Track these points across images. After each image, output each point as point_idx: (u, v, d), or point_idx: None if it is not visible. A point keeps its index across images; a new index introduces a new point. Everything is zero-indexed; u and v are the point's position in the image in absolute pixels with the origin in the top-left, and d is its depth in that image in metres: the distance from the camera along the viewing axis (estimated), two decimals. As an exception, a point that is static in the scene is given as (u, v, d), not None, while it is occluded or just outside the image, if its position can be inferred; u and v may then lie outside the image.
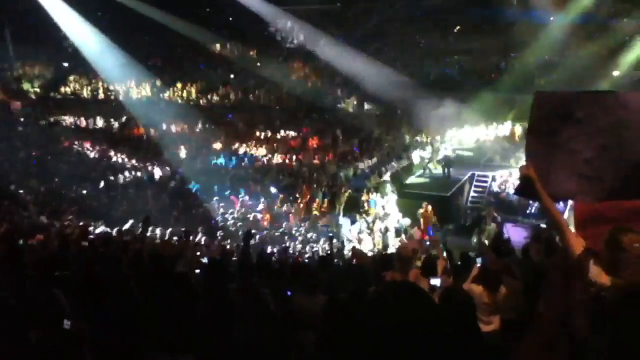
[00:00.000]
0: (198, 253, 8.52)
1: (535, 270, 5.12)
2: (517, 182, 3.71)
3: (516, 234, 12.38)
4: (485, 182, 16.99)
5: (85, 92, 27.94)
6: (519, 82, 21.12)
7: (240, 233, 14.02)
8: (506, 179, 16.23)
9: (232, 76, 27.07)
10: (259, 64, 26.24)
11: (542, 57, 22.13)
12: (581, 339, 2.97)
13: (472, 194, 16.95)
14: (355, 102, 24.42)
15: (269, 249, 11.78)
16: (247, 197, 17.21)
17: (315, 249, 12.91)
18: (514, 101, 20.98)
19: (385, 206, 15.86)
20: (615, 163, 3.61)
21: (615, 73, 20.77)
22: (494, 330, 4.72)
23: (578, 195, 3.73)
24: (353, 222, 15.41)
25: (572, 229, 3.31)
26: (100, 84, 27.48)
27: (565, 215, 4.99)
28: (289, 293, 4.73)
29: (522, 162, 3.76)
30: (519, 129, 19.73)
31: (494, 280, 4.88)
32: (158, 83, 26.74)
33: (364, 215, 15.58)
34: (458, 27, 23.85)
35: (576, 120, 3.71)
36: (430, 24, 23.19)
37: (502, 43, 21.48)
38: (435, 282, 5.28)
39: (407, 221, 14.67)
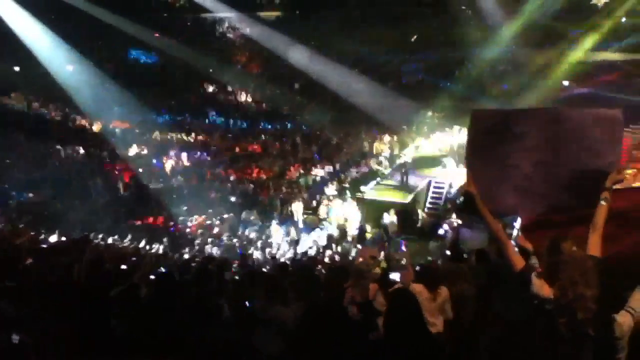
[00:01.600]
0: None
1: (491, 271, 5.22)
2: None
3: (472, 238, 12.60)
4: (442, 188, 17.30)
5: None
6: (473, 90, 21.73)
7: (198, 241, 13.87)
8: (462, 185, 16.54)
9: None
10: (211, 70, 25.84)
11: (494, 66, 22.83)
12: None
13: (429, 200, 17.23)
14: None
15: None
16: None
17: (276, 255, 12.89)
18: (469, 107, 21.40)
19: (344, 213, 15.99)
20: (553, 176, 3.74)
21: (565, 83, 21.59)
22: (438, 331, 4.79)
23: (519, 211, 3.84)
24: (312, 229, 15.46)
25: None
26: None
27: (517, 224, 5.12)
28: (247, 304, 4.68)
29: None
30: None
31: (433, 280, 4.97)
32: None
33: (323, 223, 15.67)
34: (415, 37, 24.29)
35: (513, 136, 3.83)
36: (390, 30, 23.55)
37: (457, 49, 21.92)
38: (395, 276, 5.36)
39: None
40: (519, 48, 21.76)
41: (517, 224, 8.05)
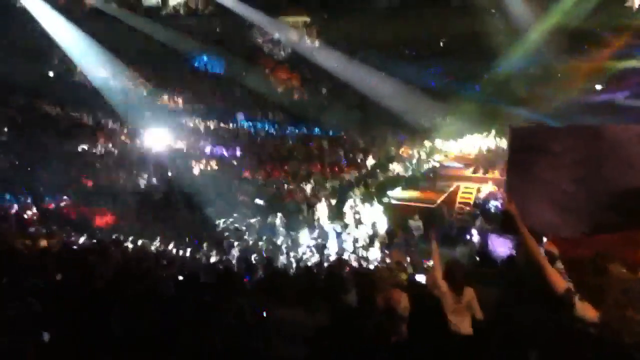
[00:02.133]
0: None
1: (519, 278, 5.13)
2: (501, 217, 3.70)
3: (501, 245, 12.40)
4: (470, 193, 17.10)
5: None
6: (501, 93, 21.45)
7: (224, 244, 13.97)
8: (490, 190, 16.29)
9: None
10: (244, 73, 26.01)
11: (523, 68, 22.49)
12: None
13: (457, 205, 17.04)
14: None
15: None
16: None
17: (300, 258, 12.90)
18: (497, 112, 21.19)
19: (371, 218, 15.91)
20: (595, 194, 3.63)
21: (598, 87, 21.14)
22: (464, 332, 4.70)
23: (561, 229, 3.73)
24: (339, 233, 15.40)
25: None
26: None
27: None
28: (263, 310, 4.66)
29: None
30: (502, 141, 19.88)
31: (459, 281, 4.88)
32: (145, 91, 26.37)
33: (349, 227, 15.62)
34: (443, 40, 24.11)
35: (552, 154, 3.73)
36: (418, 33, 23.43)
37: (485, 53, 21.64)
38: (420, 278, 5.28)
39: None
40: (548, 52, 21.38)
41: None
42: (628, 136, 3.69)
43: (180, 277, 5.77)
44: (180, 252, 12.17)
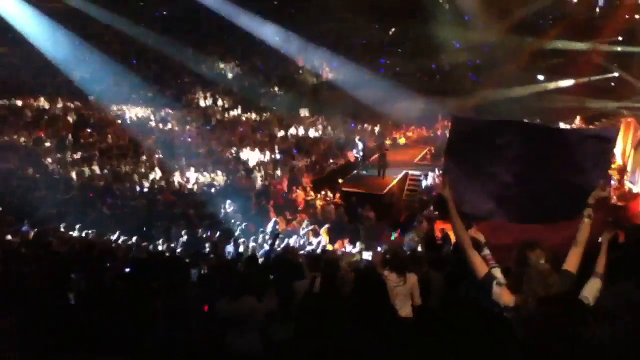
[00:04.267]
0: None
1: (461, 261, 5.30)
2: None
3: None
4: (418, 181, 17.47)
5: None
6: (449, 84, 22.01)
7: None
8: (436, 178, 16.68)
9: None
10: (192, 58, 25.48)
11: (471, 60, 23.11)
12: None
13: (405, 192, 17.38)
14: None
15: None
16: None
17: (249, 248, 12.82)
18: (445, 103, 21.69)
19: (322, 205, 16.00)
20: (534, 189, 3.80)
21: (540, 77, 21.97)
22: (407, 315, 4.85)
23: (495, 216, 3.89)
24: (288, 221, 15.41)
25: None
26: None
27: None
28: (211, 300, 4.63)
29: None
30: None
31: (401, 267, 5.01)
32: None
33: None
34: (393, 30, 24.38)
35: (495, 146, 3.87)
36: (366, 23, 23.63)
37: (434, 46, 22.02)
38: (367, 255, 5.37)
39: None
40: (493, 42, 22.01)
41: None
42: (576, 137, 3.90)
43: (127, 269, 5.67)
44: (128, 242, 11.88)
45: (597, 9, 19.96)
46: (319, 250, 11.62)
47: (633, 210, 12.41)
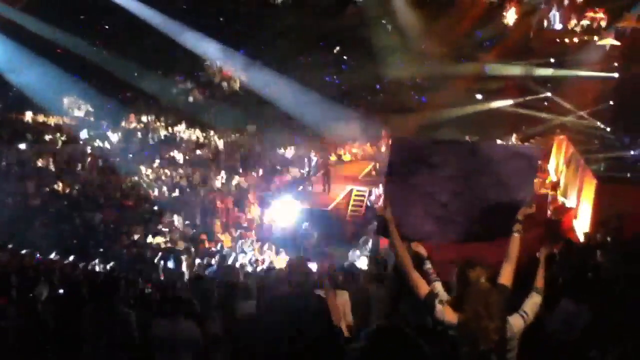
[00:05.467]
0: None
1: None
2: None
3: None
4: (363, 196, 17.65)
5: None
6: (393, 102, 22.52)
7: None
8: (381, 194, 16.91)
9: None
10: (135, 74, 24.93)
11: (413, 80, 23.74)
12: None
13: (350, 208, 17.51)
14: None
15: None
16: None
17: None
18: (388, 120, 22.14)
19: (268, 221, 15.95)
20: (469, 207, 3.89)
21: (479, 97, 22.82)
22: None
23: (434, 237, 3.97)
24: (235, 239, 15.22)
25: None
26: None
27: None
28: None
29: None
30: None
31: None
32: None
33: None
34: (337, 48, 24.72)
35: (431, 166, 3.95)
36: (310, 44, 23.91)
37: (376, 61, 22.47)
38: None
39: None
40: (436, 62, 22.68)
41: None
42: (502, 154, 4.01)
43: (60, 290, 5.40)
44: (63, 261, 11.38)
45: (531, 33, 20.92)
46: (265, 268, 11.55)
47: (566, 224, 12.96)
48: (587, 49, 19.84)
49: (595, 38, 19.23)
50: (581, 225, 12.28)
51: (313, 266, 5.79)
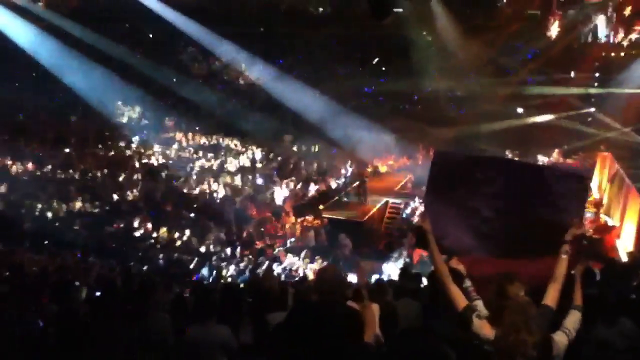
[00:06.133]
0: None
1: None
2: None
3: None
4: (399, 209, 17.52)
5: None
6: (430, 114, 22.34)
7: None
8: (417, 206, 16.75)
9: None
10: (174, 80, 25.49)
11: (452, 92, 23.51)
12: None
13: (385, 220, 17.41)
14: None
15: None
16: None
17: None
18: (425, 132, 21.99)
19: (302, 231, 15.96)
20: (513, 225, 3.84)
21: (520, 110, 22.43)
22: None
23: (474, 252, 3.92)
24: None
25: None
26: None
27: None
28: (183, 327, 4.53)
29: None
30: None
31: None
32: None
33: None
34: (376, 59, 24.72)
35: (476, 181, 3.92)
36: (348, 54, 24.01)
37: (415, 73, 22.36)
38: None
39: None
40: (477, 76, 22.45)
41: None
42: (551, 175, 3.96)
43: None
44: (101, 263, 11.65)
45: (576, 46, 20.49)
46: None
47: (609, 243, 12.60)
48: (635, 64, 19.30)
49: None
50: (624, 245, 11.92)
51: (352, 277, 5.77)
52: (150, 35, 26.37)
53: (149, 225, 15.64)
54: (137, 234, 15.15)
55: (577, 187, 3.90)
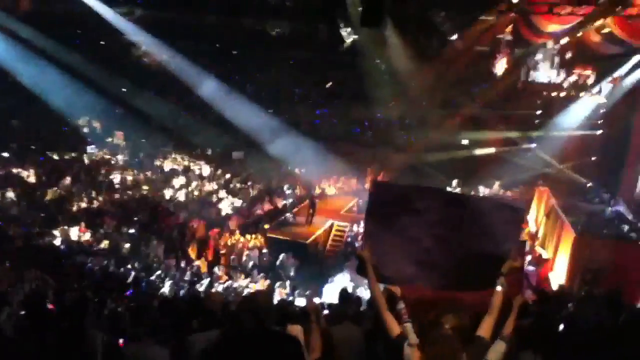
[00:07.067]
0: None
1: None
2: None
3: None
4: (343, 231, 17.64)
5: None
6: (380, 139, 22.82)
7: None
8: (360, 232, 16.90)
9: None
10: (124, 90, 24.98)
11: (402, 119, 24.12)
12: None
13: (330, 242, 17.47)
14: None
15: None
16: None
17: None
18: (375, 157, 22.38)
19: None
20: (452, 254, 3.94)
21: (465, 142, 23.19)
22: None
23: (415, 281, 4.00)
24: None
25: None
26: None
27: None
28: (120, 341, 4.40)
29: None
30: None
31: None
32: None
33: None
34: (330, 84, 25.06)
35: (415, 211, 4.01)
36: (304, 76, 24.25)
37: (367, 100, 22.80)
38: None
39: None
40: (426, 106, 23.12)
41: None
42: (489, 207, 4.09)
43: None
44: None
45: (519, 84, 21.39)
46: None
47: (542, 275, 13.07)
48: (573, 104, 20.33)
49: (582, 94, 19.70)
50: (557, 277, 12.40)
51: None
52: (103, 43, 25.74)
53: (87, 236, 15.21)
54: (74, 245, 14.60)
55: (512, 218, 4.04)
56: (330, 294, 12.69)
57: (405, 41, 21.21)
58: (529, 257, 13.29)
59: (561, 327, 5.92)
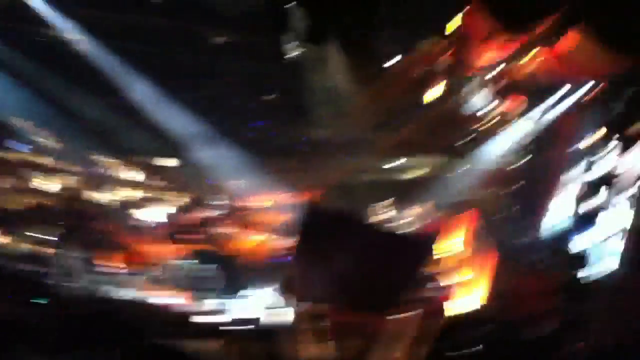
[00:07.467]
0: None
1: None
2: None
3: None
4: (272, 247, 17.54)
5: None
6: (317, 156, 22.89)
7: None
8: (288, 247, 16.81)
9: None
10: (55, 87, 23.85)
11: (338, 136, 24.28)
12: None
13: (257, 256, 17.33)
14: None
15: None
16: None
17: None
18: (309, 172, 22.43)
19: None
20: (364, 280, 4.03)
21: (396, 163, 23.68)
22: None
23: (329, 302, 4.05)
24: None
25: None
26: None
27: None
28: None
29: None
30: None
31: None
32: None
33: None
34: (270, 96, 24.94)
35: (339, 237, 4.09)
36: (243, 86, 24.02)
37: (306, 116, 22.89)
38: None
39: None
40: (363, 126, 23.41)
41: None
42: (399, 239, 4.18)
43: None
44: None
45: (454, 109, 22.01)
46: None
47: (462, 298, 13.34)
48: (504, 132, 21.09)
49: (514, 121, 20.45)
50: (472, 301, 12.70)
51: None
52: (37, 39, 24.63)
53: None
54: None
55: (417, 250, 4.17)
56: (252, 308, 12.56)
57: (346, 61, 21.46)
58: (447, 282, 13.55)
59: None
